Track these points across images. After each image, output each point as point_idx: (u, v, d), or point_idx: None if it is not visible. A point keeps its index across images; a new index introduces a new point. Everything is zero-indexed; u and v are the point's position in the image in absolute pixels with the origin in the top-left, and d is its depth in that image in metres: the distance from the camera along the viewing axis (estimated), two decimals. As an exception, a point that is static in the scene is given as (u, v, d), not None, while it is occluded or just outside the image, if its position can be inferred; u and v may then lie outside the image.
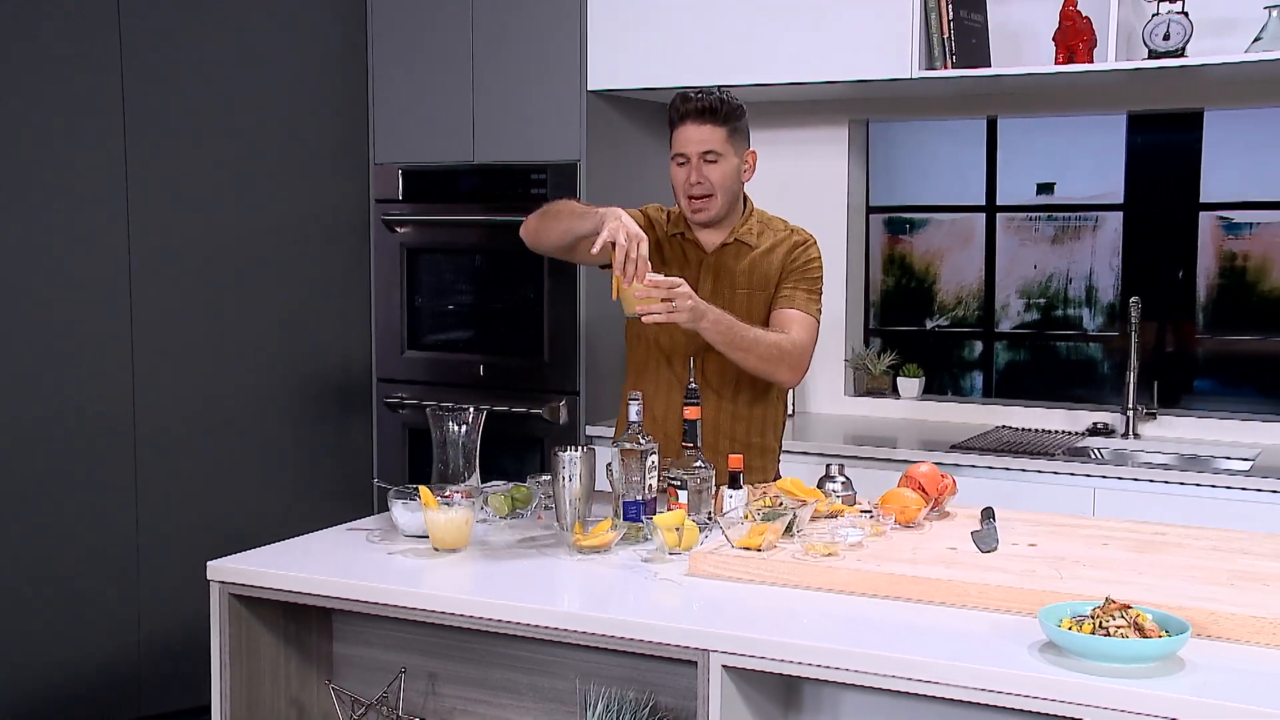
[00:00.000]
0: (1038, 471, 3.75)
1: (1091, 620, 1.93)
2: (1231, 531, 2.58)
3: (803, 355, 3.01)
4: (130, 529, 4.15)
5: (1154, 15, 3.65)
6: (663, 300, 2.75)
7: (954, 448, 3.93)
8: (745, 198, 3.09)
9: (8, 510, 3.91)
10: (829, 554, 2.35)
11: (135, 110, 4.11)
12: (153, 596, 4.17)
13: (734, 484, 2.62)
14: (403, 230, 4.72)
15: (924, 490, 2.66)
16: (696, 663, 2.07)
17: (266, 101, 4.43)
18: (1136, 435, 4.12)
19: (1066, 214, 4.48)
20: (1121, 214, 4.38)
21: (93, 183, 4.05)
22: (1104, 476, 3.68)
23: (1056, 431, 4.24)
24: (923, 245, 4.69)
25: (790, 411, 4.56)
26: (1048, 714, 1.87)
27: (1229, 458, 3.87)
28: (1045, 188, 4.51)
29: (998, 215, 4.55)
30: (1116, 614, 1.92)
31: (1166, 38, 3.61)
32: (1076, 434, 4.19)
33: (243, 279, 4.40)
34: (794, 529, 2.45)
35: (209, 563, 2.43)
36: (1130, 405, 4.11)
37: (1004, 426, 4.32)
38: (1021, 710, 1.90)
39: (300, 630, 2.60)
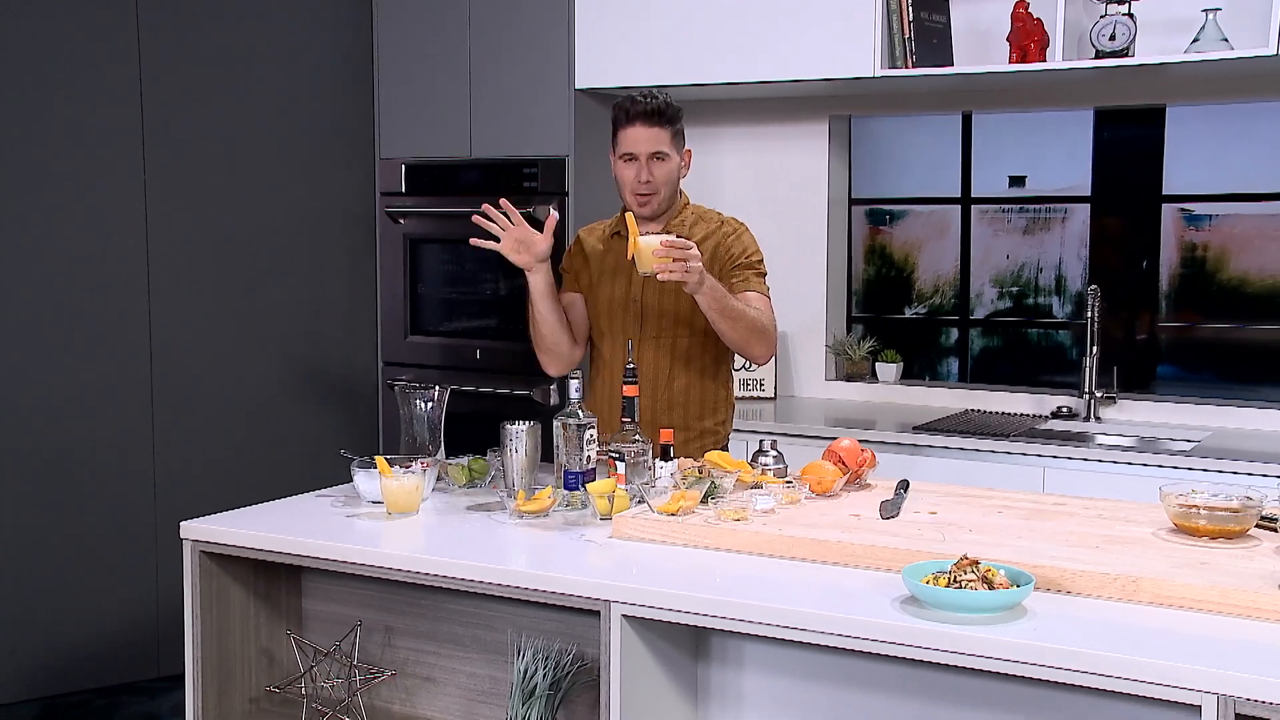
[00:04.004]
0: (991, 452, 3.93)
1: (948, 575, 2.13)
2: (1125, 503, 2.75)
3: (775, 334, 3.25)
4: (149, 502, 4.45)
5: (1101, 16, 3.82)
6: (675, 260, 2.92)
7: (917, 429, 4.12)
8: (681, 192, 3.31)
9: (36, 487, 4.22)
10: (739, 519, 2.56)
11: (152, 110, 4.39)
12: (170, 567, 4.45)
13: (665, 456, 2.84)
14: (406, 221, 4.97)
15: (844, 463, 2.86)
16: (600, 613, 2.30)
17: (279, 101, 4.71)
18: (1098, 419, 4.29)
19: (1037, 206, 4.64)
20: (1089, 206, 4.54)
21: (112, 179, 4.34)
22: (1054, 457, 3.86)
23: (1022, 414, 4.41)
24: (902, 236, 4.88)
25: (772, 395, 4.79)
26: (905, 658, 2.09)
27: (1176, 440, 4.02)
28: (1017, 181, 4.68)
29: (972, 207, 4.73)
30: (969, 569, 2.12)
31: (1113, 38, 3.77)
32: (1041, 417, 4.36)
33: (255, 269, 4.68)
34: (712, 497, 2.67)
35: (181, 523, 2.70)
36: (1090, 390, 4.27)
37: (973, 410, 4.50)
38: (883, 655, 2.11)
39: (270, 587, 2.86)
